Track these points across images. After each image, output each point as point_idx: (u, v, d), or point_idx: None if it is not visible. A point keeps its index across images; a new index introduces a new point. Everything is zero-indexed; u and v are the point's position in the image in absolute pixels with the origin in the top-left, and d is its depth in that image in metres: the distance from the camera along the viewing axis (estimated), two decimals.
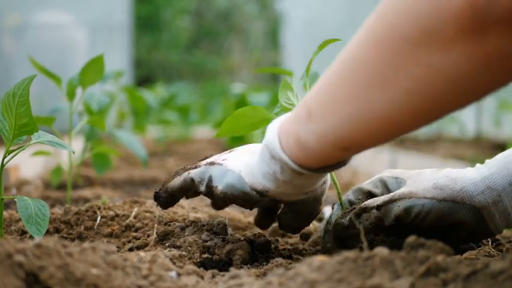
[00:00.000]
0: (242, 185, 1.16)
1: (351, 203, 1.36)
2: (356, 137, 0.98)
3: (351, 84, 0.94)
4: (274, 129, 1.08)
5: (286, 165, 1.07)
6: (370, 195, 1.35)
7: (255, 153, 1.19)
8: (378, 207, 1.24)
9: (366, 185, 1.37)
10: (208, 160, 1.26)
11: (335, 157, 1.05)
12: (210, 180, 1.22)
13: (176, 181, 1.29)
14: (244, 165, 1.18)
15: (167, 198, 1.33)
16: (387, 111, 0.92)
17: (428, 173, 1.27)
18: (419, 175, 1.28)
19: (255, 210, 1.41)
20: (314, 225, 1.57)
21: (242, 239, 1.32)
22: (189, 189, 1.28)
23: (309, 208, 1.25)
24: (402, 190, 1.24)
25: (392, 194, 1.26)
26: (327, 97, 0.98)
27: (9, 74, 5.68)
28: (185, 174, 1.27)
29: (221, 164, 1.21)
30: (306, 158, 1.05)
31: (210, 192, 1.23)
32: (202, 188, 1.24)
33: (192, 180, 1.25)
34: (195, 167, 1.27)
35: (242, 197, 1.17)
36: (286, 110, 1.33)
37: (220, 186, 1.19)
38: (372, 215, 1.23)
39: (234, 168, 1.18)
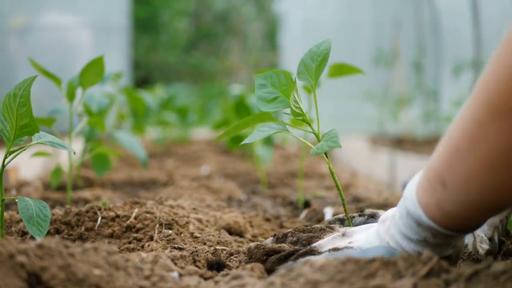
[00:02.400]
0: (393, 254, 1.10)
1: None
2: (501, 197, 0.99)
3: (486, 157, 0.96)
4: (414, 198, 1.07)
5: (437, 231, 1.06)
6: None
7: (383, 225, 1.16)
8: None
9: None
10: (330, 246, 1.19)
11: (483, 216, 1.06)
12: None
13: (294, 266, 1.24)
14: (381, 232, 1.14)
15: None
16: None
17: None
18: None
19: (255, 212, 1.40)
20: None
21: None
22: None
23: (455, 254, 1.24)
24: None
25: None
26: (461, 163, 0.99)
27: (13, 74, 5.68)
28: (302, 260, 1.17)
29: (351, 247, 1.17)
30: (455, 224, 1.05)
31: None
32: None
33: None
34: (310, 252, 1.20)
35: None
36: (296, 114, 1.31)
37: None
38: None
39: (370, 244, 1.15)
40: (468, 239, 1.33)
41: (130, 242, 1.47)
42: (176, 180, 2.81)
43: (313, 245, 1.22)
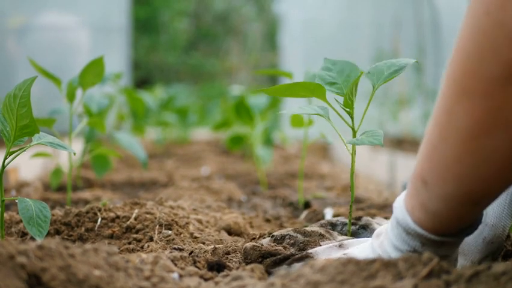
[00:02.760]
0: None
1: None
2: (482, 190, 0.98)
3: (457, 142, 0.95)
4: (402, 206, 1.07)
5: (425, 238, 1.05)
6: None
7: (377, 240, 1.15)
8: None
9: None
10: (325, 256, 1.20)
11: (468, 214, 1.03)
12: None
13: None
14: (375, 246, 1.14)
15: None
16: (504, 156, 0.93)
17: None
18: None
19: (255, 213, 1.40)
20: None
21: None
22: None
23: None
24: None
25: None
26: (436, 157, 0.98)
27: (12, 75, 5.67)
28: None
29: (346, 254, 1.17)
30: (439, 225, 1.03)
31: None
32: None
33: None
34: (307, 260, 1.20)
35: None
36: (347, 104, 1.33)
37: None
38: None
39: (365, 257, 1.15)
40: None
41: (130, 243, 1.47)
42: (176, 181, 2.81)
43: (309, 251, 1.22)
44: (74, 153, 1.37)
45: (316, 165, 3.71)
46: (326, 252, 1.20)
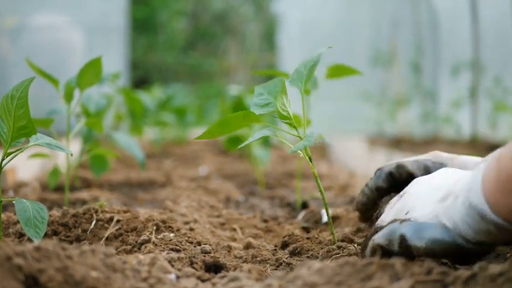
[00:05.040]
0: (453, 238, 1.06)
1: (392, 175, 1.42)
2: None
3: None
4: (479, 191, 1.03)
5: (503, 226, 1.02)
6: (410, 176, 1.37)
7: (441, 190, 1.12)
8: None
9: (411, 164, 1.39)
10: (388, 218, 1.18)
11: None
12: (404, 239, 1.12)
13: (367, 254, 1.21)
14: (439, 212, 1.09)
15: None
16: None
17: (470, 166, 1.28)
18: (464, 163, 1.29)
19: (253, 214, 1.40)
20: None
21: None
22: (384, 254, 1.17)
23: None
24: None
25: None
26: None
27: (5, 75, 5.66)
28: (371, 243, 1.19)
29: (408, 219, 1.13)
30: None
31: (406, 251, 1.12)
32: (395, 248, 1.14)
33: (380, 246, 1.17)
34: (375, 232, 1.19)
35: (455, 251, 1.07)
36: (283, 117, 1.36)
37: (421, 243, 1.09)
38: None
39: (429, 219, 1.10)
40: None
41: (127, 244, 1.47)
42: (174, 181, 2.81)
43: (377, 223, 1.22)
44: (72, 155, 1.37)
45: (314, 166, 3.70)
46: (390, 214, 1.19)
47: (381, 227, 1.17)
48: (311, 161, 1.36)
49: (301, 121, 1.43)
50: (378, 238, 1.17)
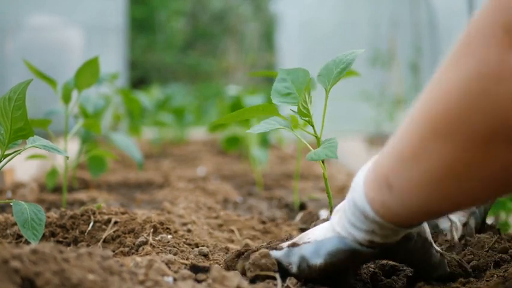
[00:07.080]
0: (349, 245, 1.09)
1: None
2: (443, 208, 1.01)
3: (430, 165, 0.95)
4: (361, 192, 1.06)
5: (383, 225, 1.05)
6: None
7: (335, 216, 1.14)
8: None
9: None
10: (289, 242, 1.18)
11: (428, 219, 1.07)
12: (303, 260, 1.13)
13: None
14: (334, 223, 1.12)
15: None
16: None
17: None
18: None
19: (251, 215, 1.40)
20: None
21: None
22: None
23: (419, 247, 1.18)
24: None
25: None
26: (405, 172, 0.98)
27: (2, 76, 5.65)
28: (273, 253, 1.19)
29: (308, 242, 1.14)
30: (400, 221, 1.04)
31: (304, 271, 1.14)
32: (294, 270, 1.15)
33: (280, 263, 1.17)
34: (275, 248, 1.19)
35: (350, 257, 1.10)
36: (302, 113, 1.31)
37: (319, 260, 1.11)
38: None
39: (324, 236, 1.12)
40: (445, 224, 1.34)
41: (125, 246, 1.47)
42: (172, 182, 2.81)
43: (275, 243, 1.22)
44: (68, 157, 1.37)
45: (312, 166, 3.71)
46: (290, 241, 1.19)
47: (280, 248, 1.18)
48: (323, 163, 1.34)
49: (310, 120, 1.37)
50: (279, 256, 1.17)
